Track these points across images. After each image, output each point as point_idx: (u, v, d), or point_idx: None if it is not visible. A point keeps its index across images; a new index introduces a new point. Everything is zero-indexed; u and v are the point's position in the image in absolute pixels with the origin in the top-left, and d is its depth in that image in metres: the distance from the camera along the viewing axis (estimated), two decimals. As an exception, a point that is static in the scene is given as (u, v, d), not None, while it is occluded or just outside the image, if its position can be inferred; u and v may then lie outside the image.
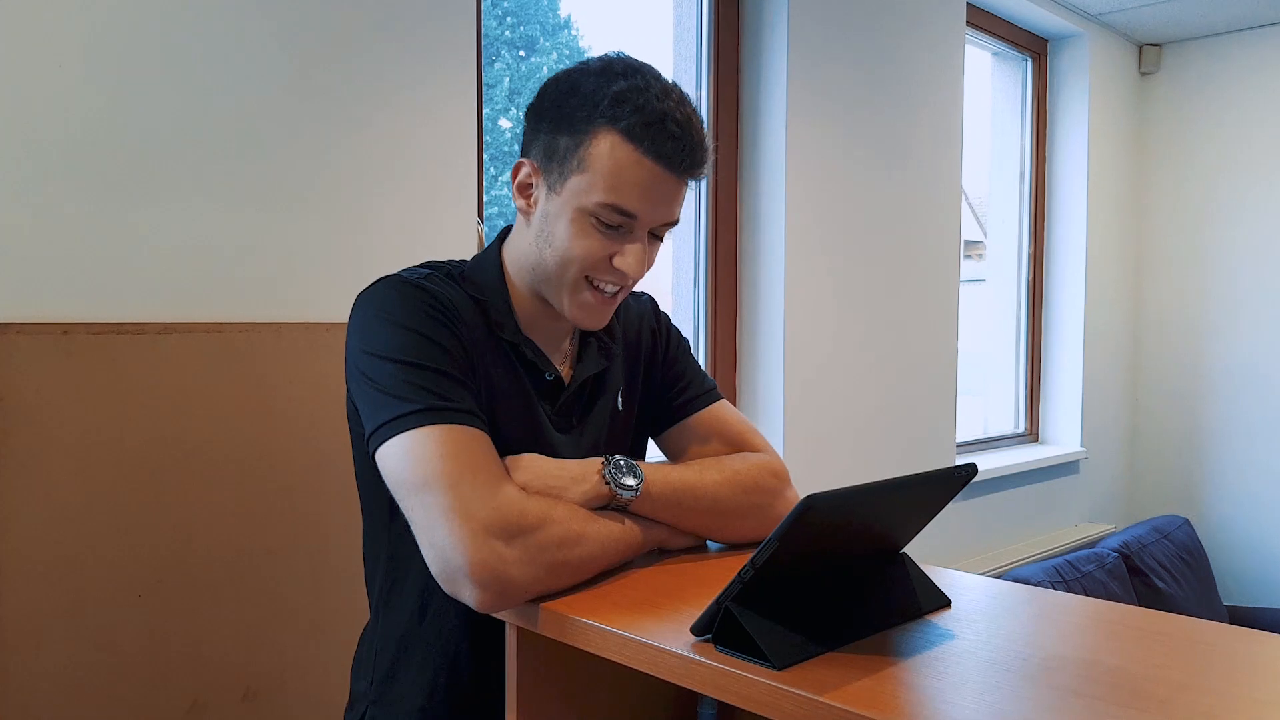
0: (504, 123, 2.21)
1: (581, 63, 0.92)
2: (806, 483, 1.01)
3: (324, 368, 1.35)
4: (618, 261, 0.91)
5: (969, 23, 2.83)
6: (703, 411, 1.06)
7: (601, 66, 0.90)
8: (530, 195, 0.93)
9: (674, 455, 1.08)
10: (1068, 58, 3.35)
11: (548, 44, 2.34)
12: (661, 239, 0.96)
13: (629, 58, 0.92)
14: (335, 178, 1.41)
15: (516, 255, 0.97)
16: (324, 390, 1.35)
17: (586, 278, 0.92)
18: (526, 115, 0.95)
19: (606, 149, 0.87)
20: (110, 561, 1.17)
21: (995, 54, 3.30)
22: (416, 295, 0.89)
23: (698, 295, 2.26)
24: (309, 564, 1.35)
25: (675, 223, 0.94)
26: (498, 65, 2.17)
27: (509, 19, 2.25)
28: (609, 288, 0.93)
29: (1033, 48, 3.29)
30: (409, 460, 0.81)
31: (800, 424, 2.26)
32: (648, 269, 0.95)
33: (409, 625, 0.95)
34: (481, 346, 0.92)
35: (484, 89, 1.64)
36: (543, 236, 0.92)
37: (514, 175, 0.94)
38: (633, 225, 0.90)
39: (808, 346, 2.28)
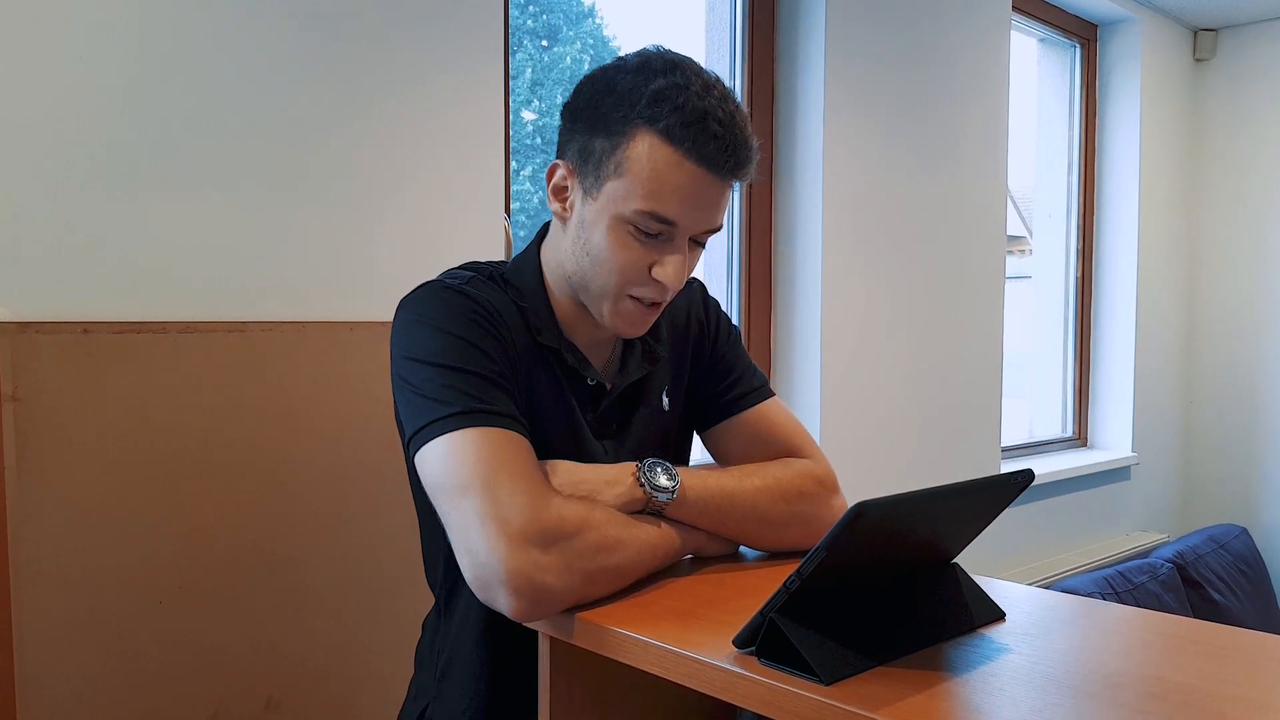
0: (527, 115, 2.18)
1: (619, 59, 0.90)
2: (844, 488, 0.97)
3: (348, 367, 1.33)
4: (656, 272, 0.88)
5: (1015, 7, 2.76)
6: (751, 410, 1.02)
7: (639, 63, 0.87)
8: (566, 199, 0.91)
9: (719, 455, 1.04)
10: (1118, 44, 3.25)
11: (571, 34, 2.31)
12: (703, 245, 0.93)
13: (668, 52, 0.88)
14: (359, 174, 1.39)
15: (554, 260, 0.95)
16: (348, 390, 1.33)
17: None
18: (562, 114, 0.92)
19: (644, 151, 0.84)
20: (130, 566, 1.16)
21: (1042, 40, 3.22)
22: (458, 300, 0.88)
23: (730, 294, 2.22)
24: (333, 569, 1.33)
25: (718, 229, 0.91)
26: (519, 55, 2.14)
27: (531, 7, 2.23)
28: (649, 299, 0.91)
29: (1081, 33, 3.21)
30: (446, 463, 0.80)
31: (837, 427, 2.21)
32: (688, 275, 0.92)
33: (460, 629, 0.95)
34: (524, 352, 0.91)
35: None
36: (579, 244, 0.90)
37: (549, 178, 0.92)
38: (673, 233, 0.87)
39: (846, 347, 2.22)
